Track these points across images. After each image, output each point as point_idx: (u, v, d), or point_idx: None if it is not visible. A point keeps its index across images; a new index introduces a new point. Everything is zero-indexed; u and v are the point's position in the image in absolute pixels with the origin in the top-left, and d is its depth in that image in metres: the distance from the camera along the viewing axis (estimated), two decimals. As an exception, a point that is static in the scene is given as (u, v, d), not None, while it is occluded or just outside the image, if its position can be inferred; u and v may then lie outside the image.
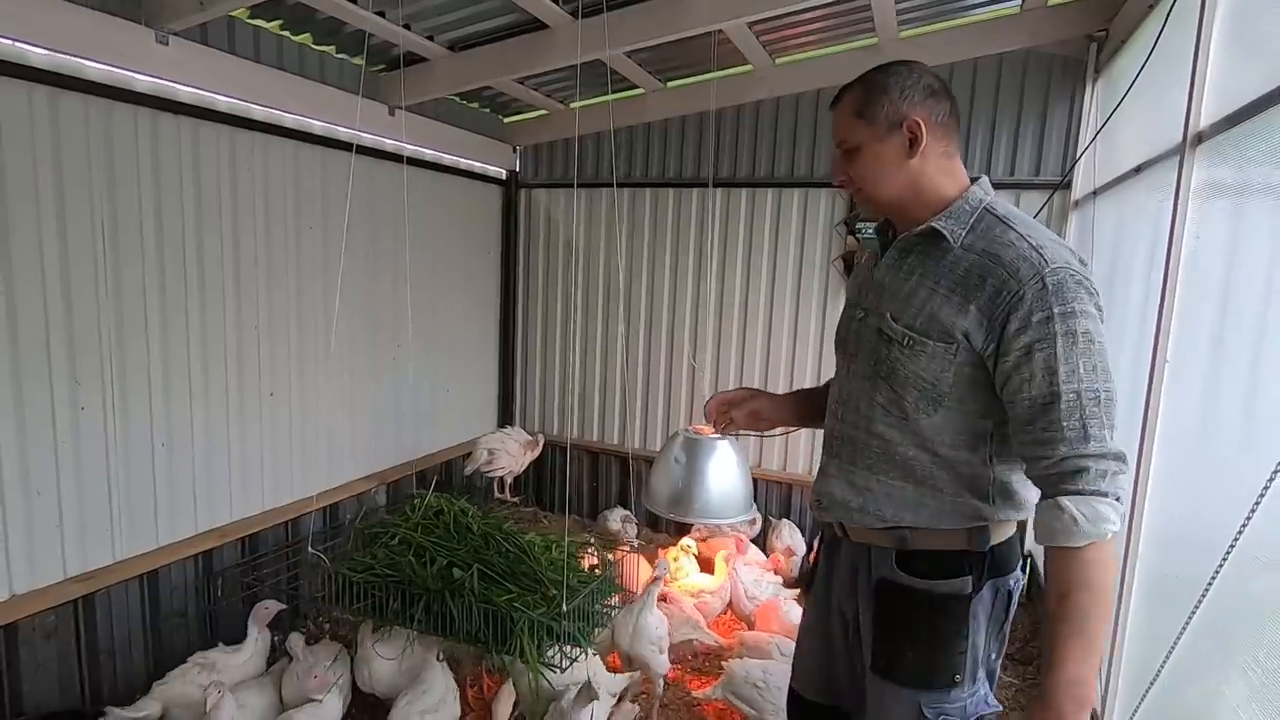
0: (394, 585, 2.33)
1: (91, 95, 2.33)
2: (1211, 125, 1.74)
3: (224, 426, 2.89)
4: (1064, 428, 1.13)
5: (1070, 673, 1.12)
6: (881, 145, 1.28)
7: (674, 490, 2.69)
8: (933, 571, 1.31)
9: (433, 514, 2.62)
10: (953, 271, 1.24)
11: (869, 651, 1.39)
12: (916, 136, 1.26)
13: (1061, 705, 1.12)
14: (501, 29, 3.14)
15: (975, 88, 3.49)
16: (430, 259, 3.92)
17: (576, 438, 4.60)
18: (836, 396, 1.46)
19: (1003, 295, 1.17)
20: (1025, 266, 1.16)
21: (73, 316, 2.36)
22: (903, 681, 1.34)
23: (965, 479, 1.29)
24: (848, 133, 1.32)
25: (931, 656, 1.31)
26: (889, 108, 1.27)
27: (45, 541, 2.35)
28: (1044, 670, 1.17)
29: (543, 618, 2.17)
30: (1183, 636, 1.63)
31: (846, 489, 1.40)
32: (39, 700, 2.33)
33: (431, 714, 2.24)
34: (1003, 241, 1.21)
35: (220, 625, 2.89)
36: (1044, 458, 1.16)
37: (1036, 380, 1.15)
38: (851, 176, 1.33)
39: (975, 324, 1.19)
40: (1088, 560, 1.12)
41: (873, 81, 1.29)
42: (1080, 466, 1.12)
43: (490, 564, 2.37)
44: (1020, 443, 1.20)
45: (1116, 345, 2.48)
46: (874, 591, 1.38)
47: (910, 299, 1.28)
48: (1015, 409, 1.19)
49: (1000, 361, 1.18)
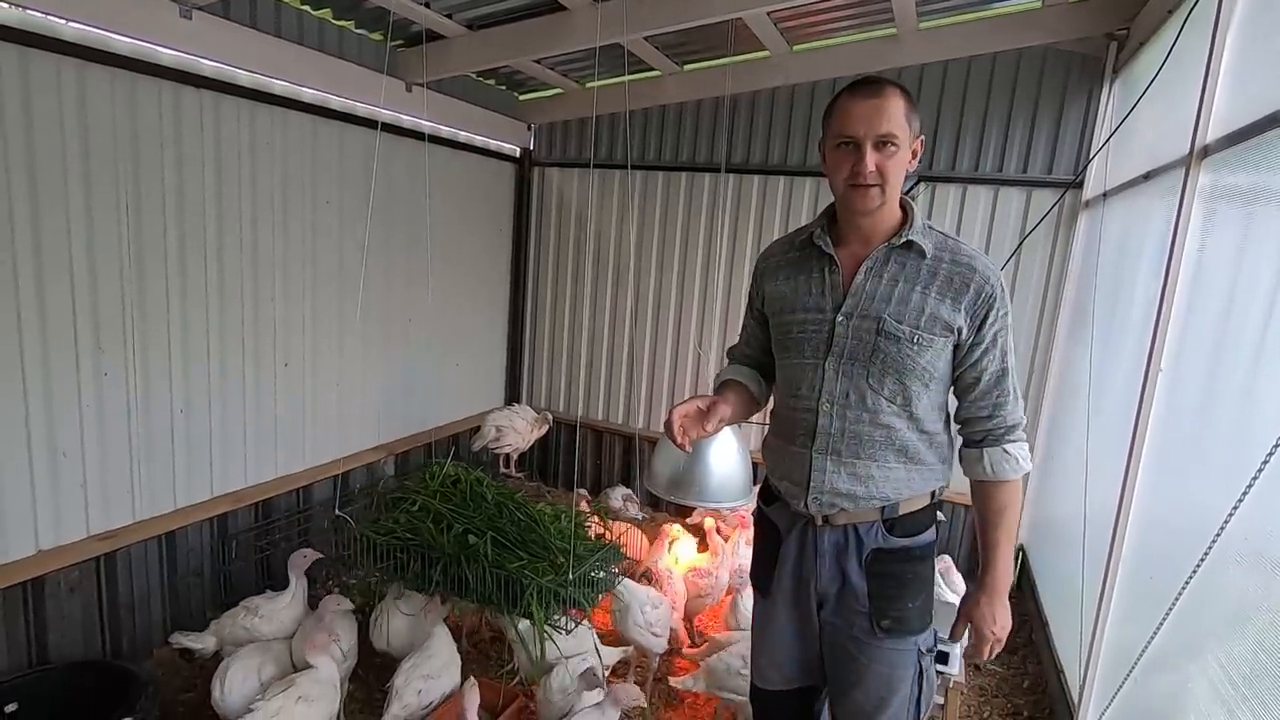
0: (414, 549, 2.44)
1: (117, 68, 2.38)
2: (1218, 140, 1.75)
3: (240, 395, 2.98)
4: (1010, 393, 1.49)
5: (1005, 562, 1.53)
6: (908, 150, 1.42)
7: (675, 473, 2.78)
8: (913, 530, 1.55)
9: (450, 482, 2.71)
10: (934, 277, 1.45)
11: (864, 617, 1.54)
12: (917, 152, 1.45)
13: (999, 584, 1.52)
14: (520, 9, 3.15)
15: (992, 82, 3.47)
16: (442, 235, 3.96)
17: (582, 415, 4.68)
18: (828, 395, 1.49)
19: (983, 295, 1.43)
20: (991, 274, 1.45)
21: (97, 285, 2.43)
22: (907, 631, 1.55)
23: (938, 448, 1.54)
24: (899, 128, 1.38)
25: (926, 603, 1.58)
26: (916, 120, 1.42)
27: (70, 501, 2.45)
28: (986, 561, 1.54)
29: (551, 584, 2.28)
30: (1160, 630, 1.71)
31: (850, 482, 1.50)
32: (64, 651, 2.46)
33: (434, 679, 2.34)
34: (967, 254, 1.47)
35: (234, 586, 3.01)
36: (995, 416, 1.49)
37: (996, 359, 1.47)
38: (882, 170, 1.39)
39: (965, 318, 1.43)
40: (1017, 487, 1.53)
41: (904, 89, 1.41)
42: (1017, 421, 1.50)
43: (503, 531, 2.47)
44: (978, 406, 1.50)
45: (1115, 353, 2.52)
46: (868, 562, 1.53)
47: (905, 302, 1.44)
48: (979, 382, 1.48)
49: (974, 347, 1.46)
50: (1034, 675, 2.94)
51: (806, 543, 1.57)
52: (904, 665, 1.56)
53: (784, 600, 1.63)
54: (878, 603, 1.53)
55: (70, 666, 2.37)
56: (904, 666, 1.56)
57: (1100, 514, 2.31)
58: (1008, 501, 1.52)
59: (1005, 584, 1.53)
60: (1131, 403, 2.08)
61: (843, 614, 1.56)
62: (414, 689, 2.30)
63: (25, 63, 2.16)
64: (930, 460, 1.53)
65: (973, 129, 3.54)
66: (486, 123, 4.12)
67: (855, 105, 1.39)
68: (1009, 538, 1.54)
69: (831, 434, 1.50)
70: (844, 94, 1.43)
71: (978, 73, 3.48)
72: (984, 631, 1.53)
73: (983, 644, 1.55)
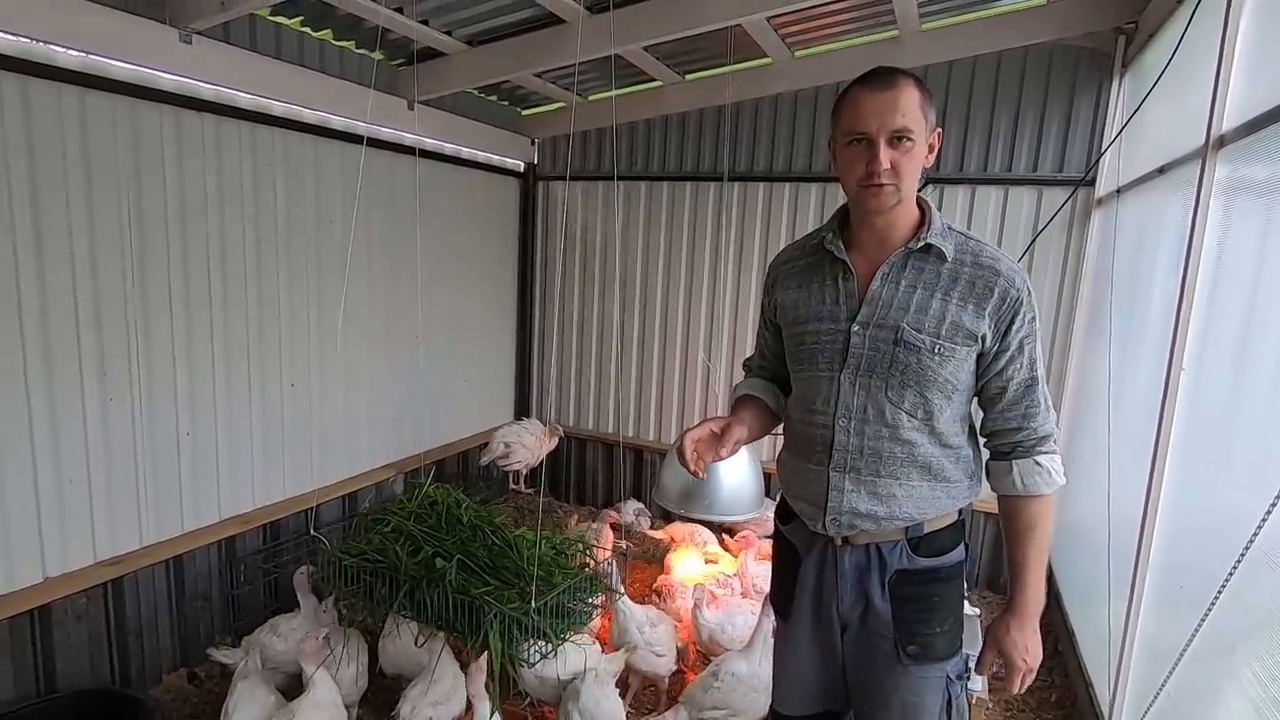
0: (382, 571, 2.38)
1: (118, 94, 2.39)
2: (1234, 130, 1.70)
3: (246, 416, 2.97)
4: (1040, 404, 1.40)
5: (1036, 583, 1.41)
6: (924, 145, 1.33)
7: (685, 486, 2.73)
8: (940, 549, 1.45)
9: (428, 504, 2.66)
10: (955, 282, 1.36)
11: (889, 642, 1.44)
12: (934, 147, 1.36)
13: (1029, 608, 1.41)
14: (519, 24, 3.14)
15: (998, 81, 3.42)
16: (449, 251, 3.96)
17: (592, 429, 4.64)
18: (842, 410, 1.41)
19: (1008, 300, 1.34)
20: (1017, 278, 1.36)
21: (101, 310, 2.43)
22: (936, 657, 1.45)
23: (964, 463, 1.45)
24: (914, 121, 1.28)
25: (956, 627, 1.48)
26: (932, 112, 1.34)
27: (77, 527, 2.44)
28: (1016, 582, 1.43)
29: (513, 612, 2.19)
30: (1192, 643, 1.63)
31: (871, 501, 1.41)
32: (71, 678, 2.44)
33: (443, 704, 2.29)
34: (990, 256, 1.37)
35: (243, 609, 2.98)
36: (1025, 428, 1.40)
37: (1024, 368, 1.38)
38: (897, 167, 1.30)
39: (989, 325, 1.34)
40: (1050, 501, 1.42)
41: (919, 80, 1.32)
42: (1047, 433, 1.41)
43: (473, 555, 2.40)
44: (1005, 418, 1.41)
45: (1134, 352, 2.44)
46: (892, 583, 1.43)
47: (924, 310, 1.35)
48: (1006, 391, 1.39)
49: (1000, 355, 1.37)
50: (1061, 688, 2.84)
51: (826, 564, 1.48)
52: (932, 693, 1.46)
53: (804, 624, 1.55)
54: (903, 627, 1.43)
55: (78, 694, 2.35)
56: (932, 695, 1.46)
57: (1125, 519, 2.23)
58: (1038, 518, 1.41)
59: (1036, 608, 1.42)
60: (1154, 403, 2.01)
61: (866, 638, 1.47)
62: (424, 716, 2.25)
63: (26, 91, 2.17)
64: (956, 476, 1.44)
65: (980, 129, 3.49)
66: (490, 139, 4.13)
67: (866, 98, 1.29)
68: (1040, 557, 1.42)
69: (850, 451, 1.41)
70: (854, 86, 1.32)
71: (983, 72, 3.43)
72: (1015, 661, 1.41)
73: (1014, 674, 1.43)
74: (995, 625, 1.45)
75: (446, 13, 3.02)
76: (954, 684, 1.48)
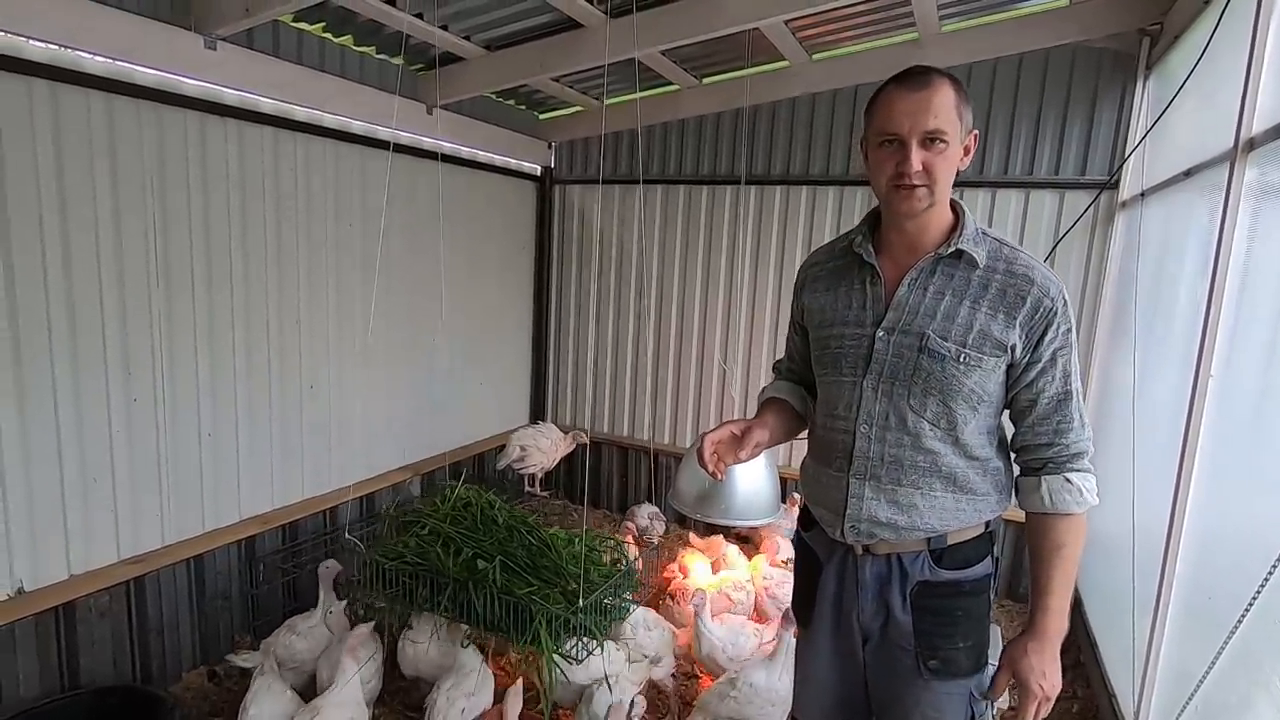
0: (423, 573, 2.40)
1: (143, 100, 2.43)
2: (1264, 133, 1.66)
3: (266, 418, 3.00)
4: (1073, 419, 1.34)
5: (1059, 606, 1.35)
6: (959, 147, 1.30)
7: (700, 490, 2.71)
8: (964, 561, 1.41)
9: (462, 505, 2.68)
10: (985, 290, 1.32)
11: (909, 654, 1.41)
12: (970, 149, 1.32)
13: (1049, 632, 1.35)
14: (537, 28, 3.16)
15: (1019, 83, 3.38)
16: (466, 254, 3.99)
17: (608, 432, 4.64)
18: (864, 416, 1.39)
19: (1040, 310, 1.30)
20: (1052, 287, 1.31)
21: (126, 312, 2.47)
22: (957, 674, 1.41)
23: (992, 475, 1.41)
24: (948, 123, 1.25)
25: (980, 642, 1.43)
26: (968, 113, 1.30)
27: (101, 525, 2.48)
28: (1038, 604, 1.37)
29: (560, 611, 2.21)
30: (1221, 654, 1.59)
31: (891, 510, 1.38)
32: (94, 675, 2.47)
33: (475, 695, 2.31)
34: (1024, 263, 1.33)
35: (262, 609, 3.01)
36: (1056, 444, 1.35)
37: (1056, 381, 1.33)
38: (930, 169, 1.27)
39: (1020, 336, 1.31)
40: (1081, 521, 1.36)
41: (955, 79, 1.28)
42: (1081, 450, 1.36)
43: (513, 556, 2.41)
44: (1036, 432, 1.36)
45: (1160, 357, 2.40)
46: (914, 595, 1.40)
47: (951, 317, 1.33)
48: (1036, 405, 1.34)
49: (1030, 366, 1.33)
50: (1084, 699, 2.80)
51: (847, 573, 1.46)
52: (953, 711, 1.42)
53: (824, 633, 1.52)
54: (924, 640, 1.39)
55: (99, 691, 2.38)
56: (953, 713, 1.42)
57: (1151, 528, 2.19)
58: (1066, 537, 1.34)
59: (1059, 632, 1.35)
60: (1180, 410, 1.98)
61: (887, 650, 1.44)
62: (458, 708, 2.27)
63: (55, 96, 2.21)
64: (984, 489, 1.39)
65: (1001, 131, 3.45)
66: (508, 143, 4.15)
67: (900, 98, 1.26)
68: (1066, 580, 1.35)
69: (870, 458, 1.39)
70: (888, 86, 1.30)
71: (1004, 74, 3.40)
72: (1030, 686, 1.34)
73: (1029, 700, 1.35)
74: (1012, 646, 1.39)
75: (466, 17, 3.04)
76: (978, 702, 1.43)
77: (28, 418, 2.25)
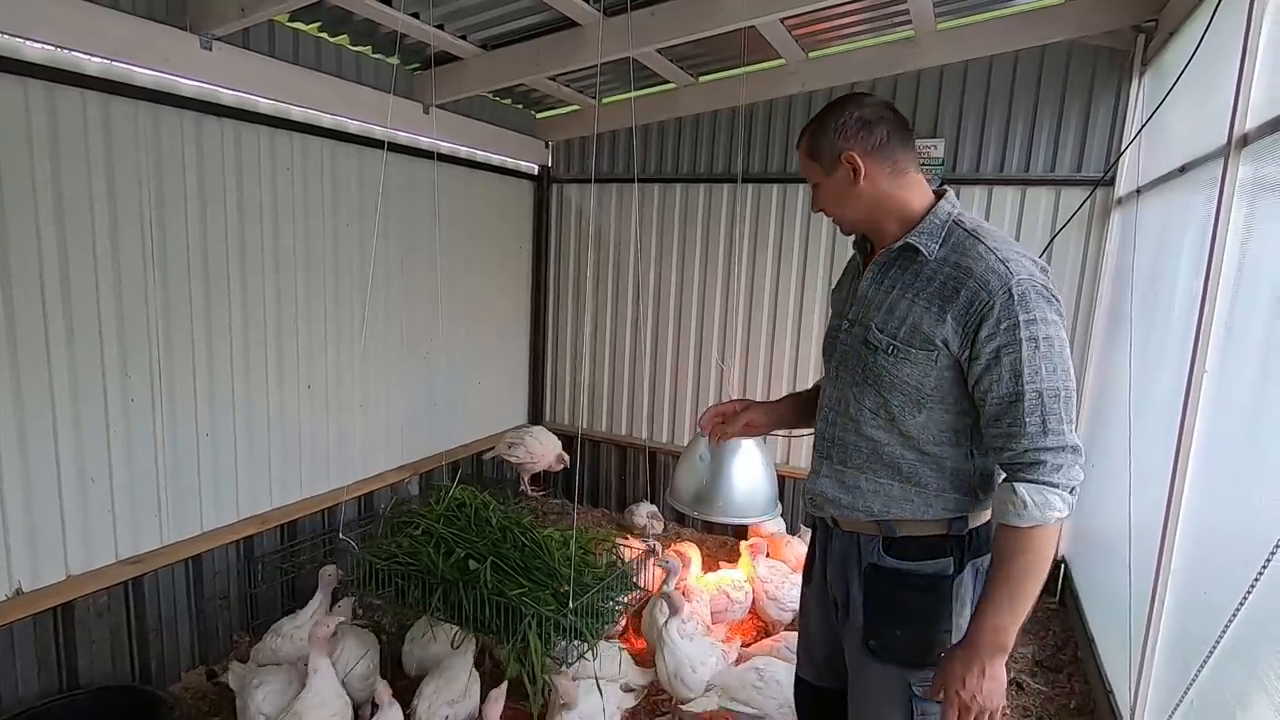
0: (414, 574, 2.39)
1: (140, 100, 2.43)
2: (1257, 128, 1.67)
3: (264, 418, 3.00)
4: (1026, 423, 1.25)
5: (994, 620, 1.28)
6: (831, 180, 1.43)
7: (698, 488, 2.71)
8: (917, 554, 1.42)
9: (456, 506, 2.68)
10: (929, 283, 1.34)
11: (858, 633, 1.48)
12: (856, 167, 1.39)
13: (980, 643, 1.28)
14: (533, 27, 3.16)
15: (1015, 80, 3.39)
16: (463, 253, 3.99)
17: (606, 431, 4.64)
18: (826, 401, 1.53)
19: (975, 305, 1.27)
20: (994, 279, 1.26)
21: (123, 312, 2.47)
22: (894, 660, 1.44)
23: (949, 473, 1.40)
24: (807, 172, 1.48)
25: (921, 636, 1.41)
26: (829, 146, 1.40)
27: (99, 526, 2.48)
28: (972, 617, 1.32)
29: (551, 613, 2.19)
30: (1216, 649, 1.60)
31: (837, 488, 1.49)
32: (93, 675, 2.47)
33: (458, 703, 2.30)
34: (973, 255, 1.30)
35: (260, 608, 3.01)
36: (1008, 449, 1.28)
37: (1004, 381, 1.26)
38: (822, 207, 1.48)
39: (952, 331, 1.29)
40: (1032, 537, 1.25)
41: (817, 124, 1.43)
42: (1038, 459, 1.25)
43: (505, 557, 2.40)
44: (990, 435, 1.32)
45: (1156, 353, 2.41)
46: (864, 576, 1.47)
47: (893, 310, 1.38)
48: (985, 406, 1.30)
49: (972, 364, 1.29)
50: (1081, 695, 2.80)
51: (827, 544, 1.58)
52: (890, 700, 1.44)
53: (814, 594, 1.66)
54: (868, 620, 1.46)
55: (98, 691, 2.38)
56: (890, 702, 1.44)
57: (1146, 524, 2.19)
58: (1009, 550, 1.27)
59: (992, 649, 1.27)
60: (1175, 406, 1.98)
61: (848, 622, 1.52)
62: (440, 716, 2.26)
63: (52, 97, 2.21)
64: (937, 485, 1.39)
65: (996, 129, 3.46)
66: (505, 142, 4.15)
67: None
68: (1007, 596, 1.26)
69: (825, 439, 1.52)
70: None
71: (1000, 71, 3.40)
72: (948, 692, 1.30)
73: (948, 708, 1.30)
74: (948, 650, 1.37)
75: (461, 17, 3.04)
76: (922, 700, 1.41)
77: (25, 418, 2.25)
